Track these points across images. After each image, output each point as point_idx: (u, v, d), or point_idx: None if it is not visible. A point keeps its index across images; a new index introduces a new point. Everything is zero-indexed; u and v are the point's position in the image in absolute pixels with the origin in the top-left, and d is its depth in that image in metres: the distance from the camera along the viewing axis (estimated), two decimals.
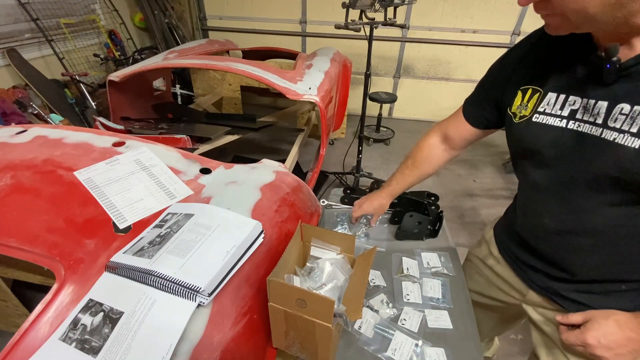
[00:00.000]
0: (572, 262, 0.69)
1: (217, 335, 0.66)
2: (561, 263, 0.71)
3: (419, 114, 4.18)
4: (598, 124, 0.57)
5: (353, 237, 0.81)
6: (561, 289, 0.74)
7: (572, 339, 0.66)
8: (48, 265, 0.70)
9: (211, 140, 1.92)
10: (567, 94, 0.62)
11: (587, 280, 0.69)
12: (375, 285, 0.91)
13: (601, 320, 0.63)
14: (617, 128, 0.55)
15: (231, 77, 3.13)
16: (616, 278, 0.66)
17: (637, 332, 0.60)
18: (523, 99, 0.69)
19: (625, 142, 0.54)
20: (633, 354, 0.60)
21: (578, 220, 0.64)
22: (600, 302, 0.68)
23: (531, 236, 0.77)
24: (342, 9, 1.89)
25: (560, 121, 0.63)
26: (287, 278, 0.75)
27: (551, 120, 0.64)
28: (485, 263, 0.94)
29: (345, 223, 1.13)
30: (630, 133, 0.53)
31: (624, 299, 0.67)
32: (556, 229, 0.69)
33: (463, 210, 2.59)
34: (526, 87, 0.69)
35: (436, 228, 1.07)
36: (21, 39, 2.64)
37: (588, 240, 0.65)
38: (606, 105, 0.56)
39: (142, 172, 0.97)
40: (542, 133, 0.65)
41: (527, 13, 3.39)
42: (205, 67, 1.84)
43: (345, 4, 1.87)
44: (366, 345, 0.76)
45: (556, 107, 0.64)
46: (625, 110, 0.54)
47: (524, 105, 0.69)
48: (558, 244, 0.70)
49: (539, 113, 0.66)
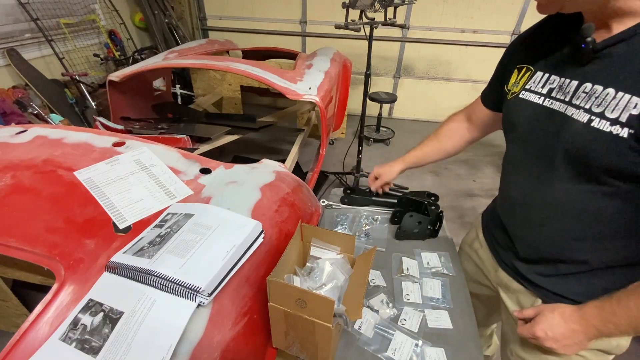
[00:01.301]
0: (533, 236, 0.72)
1: (217, 335, 0.66)
2: (523, 237, 0.75)
3: (419, 114, 4.18)
4: (566, 102, 0.61)
5: (353, 237, 0.81)
6: (522, 268, 0.77)
7: (525, 333, 0.71)
8: (48, 265, 0.70)
9: (211, 140, 1.93)
10: (551, 73, 0.66)
11: (545, 259, 0.72)
12: (375, 285, 0.91)
13: (548, 314, 0.67)
14: (577, 105, 0.58)
15: (231, 77, 3.13)
16: (570, 257, 0.69)
17: (580, 325, 0.63)
18: (517, 77, 0.73)
19: (578, 117, 0.57)
20: (579, 345, 0.65)
21: (539, 193, 0.67)
22: (554, 285, 0.72)
23: (502, 211, 0.82)
24: (342, 9, 1.89)
25: (539, 98, 0.66)
26: (287, 278, 0.75)
27: (532, 97, 0.68)
28: (472, 247, 0.98)
29: (345, 223, 1.13)
30: (584, 109, 0.57)
31: (576, 282, 0.70)
32: (521, 201, 0.73)
33: (463, 210, 2.59)
34: (522, 65, 0.73)
35: (436, 228, 1.07)
36: (21, 39, 2.64)
37: (546, 213, 0.67)
38: (575, 85, 0.60)
39: (142, 172, 0.97)
40: (523, 109, 0.69)
41: (527, 13, 3.39)
42: (205, 67, 1.84)
43: (345, 4, 1.87)
44: (366, 345, 0.76)
45: (539, 85, 0.67)
46: (587, 89, 0.57)
47: (516, 83, 0.73)
48: (521, 217, 0.74)
49: (526, 90, 0.70)
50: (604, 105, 0.54)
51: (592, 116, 0.55)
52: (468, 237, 1.03)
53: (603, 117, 0.54)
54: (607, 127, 0.53)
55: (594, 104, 0.56)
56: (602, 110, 0.54)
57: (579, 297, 0.68)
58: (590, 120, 0.55)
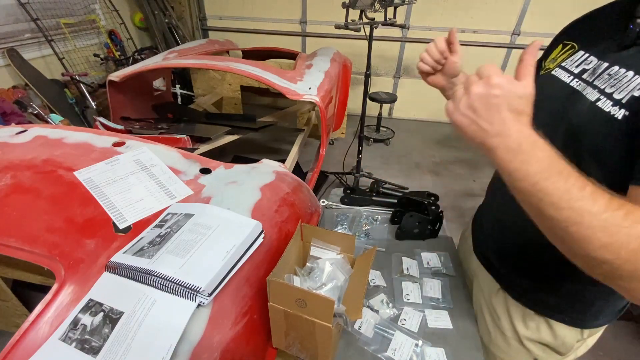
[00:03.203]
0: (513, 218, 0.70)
1: (217, 335, 0.66)
2: (503, 219, 0.75)
3: (419, 114, 4.18)
4: (589, 82, 0.58)
5: (353, 237, 0.81)
6: (492, 255, 0.79)
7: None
8: (48, 265, 0.70)
9: (211, 140, 1.92)
10: (591, 54, 0.62)
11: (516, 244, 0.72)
12: (375, 285, 0.91)
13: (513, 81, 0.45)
14: (596, 85, 0.55)
15: (231, 77, 3.13)
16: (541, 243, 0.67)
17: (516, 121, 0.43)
18: (558, 52, 0.69)
19: (588, 95, 0.55)
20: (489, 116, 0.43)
21: None
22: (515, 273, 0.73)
23: (491, 192, 0.83)
24: (342, 9, 1.89)
25: (568, 77, 0.63)
26: (287, 278, 0.75)
27: (563, 75, 0.64)
28: (464, 237, 1.00)
29: (345, 223, 1.13)
30: (598, 89, 0.54)
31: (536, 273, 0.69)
32: None
33: (463, 210, 2.59)
34: (567, 42, 0.69)
35: (436, 228, 1.07)
36: (21, 39, 2.64)
37: None
38: (605, 67, 0.56)
39: (142, 172, 0.97)
40: (548, 85, 0.65)
41: (527, 13, 3.39)
42: (205, 67, 1.84)
43: (345, 4, 1.87)
44: (366, 345, 0.76)
45: (574, 65, 0.63)
46: (613, 71, 0.54)
47: (555, 59, 0.69)
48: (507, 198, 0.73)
49: (560, 67, 0.66)
50: (617, 86, 0.52)
51: (602, 96, 0.53)
52: (466, 229, 1.04)
53: (610, 98, 0.52)
54: (609, 107, 0.51)
55: (609, 84, 0.53)
56: (612, 92, 0.52)
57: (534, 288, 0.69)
58: (598, 99, 0.53)
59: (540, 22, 3.39)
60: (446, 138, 3.74)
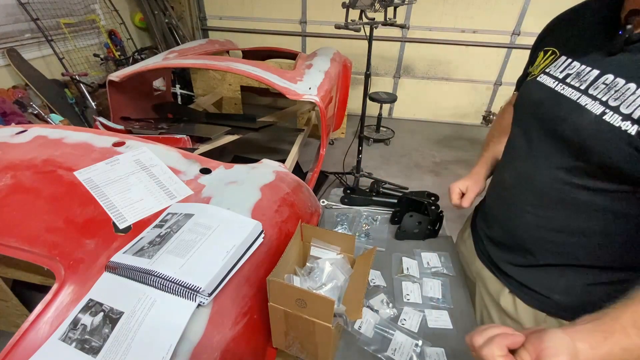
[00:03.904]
0: (512, 221, 0.72)
1: (217, 335, 0.66)
2: (503, 221, 0.76)
3: (419, 114, 4.18)
4: (580, 90, 0.59)
5: (353, 237, 0.81)
6: (495, 255, 0.79)
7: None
8: (48, 265, 0.70)
9: (211, 140, 1.93)
10: (574, 59, 0.63)
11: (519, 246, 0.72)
12: (375, 285, 0.91)
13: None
14: (594, 95, 0.56)
15: (231, 77, 3.13)
16: (544, 248, 0.68)
17: None
18: (541, 59, 0.71)
19: (592, 108, 0.55)
20: None
21: (529, 177, 0.67)
22: (521, 275, 0.73)
23: (490, 194, 0.83)
24: (342, 9, 1.89)
25: (553, 82, 0.65)
26: (287, 278, 0.75)
27: (548, 80, 0.66)
28: (462, 238, 1.00)
29: (345, 223, 1.13)
30: (600, 101, 0.55)
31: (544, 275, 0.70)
32: (510, 184, 0.73)
33: (463, 210, 2.58)
34: (548, 48, 0.71)
35: (436, 228, 1.07)
36: (21, 39, 2.64)
37: (532, 199, 0.67)
38: (596, 74, 0.58)
39: (142, 172, 0.97)
40: (534, 91, 0.68)
41: (527, 13, 3.39)
42: (205, 67, 1.84)
43: (345, 4, 1.87)
44: (366, 345, 0.76)
45: (558, 70, 0.65)
46: (608, 80, 0.55)
47: (538, 66, 0.71)
48: (507, 199, 0.74)
49: (544, 73, 0.68)
50: (621, 99, 0.52)
51: (607, 109, 0.53)
52: (463, 229, 1.05)
53: (617, 112, 0.52)
54: (618, 122, 0.51)
55: (612, 97, 0.53)
56: (618, 105, 0.52)
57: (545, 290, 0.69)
58: (604, 113, 0.53)
59: (540, 22, 3.36)
60: (446, 138, 3.74)
